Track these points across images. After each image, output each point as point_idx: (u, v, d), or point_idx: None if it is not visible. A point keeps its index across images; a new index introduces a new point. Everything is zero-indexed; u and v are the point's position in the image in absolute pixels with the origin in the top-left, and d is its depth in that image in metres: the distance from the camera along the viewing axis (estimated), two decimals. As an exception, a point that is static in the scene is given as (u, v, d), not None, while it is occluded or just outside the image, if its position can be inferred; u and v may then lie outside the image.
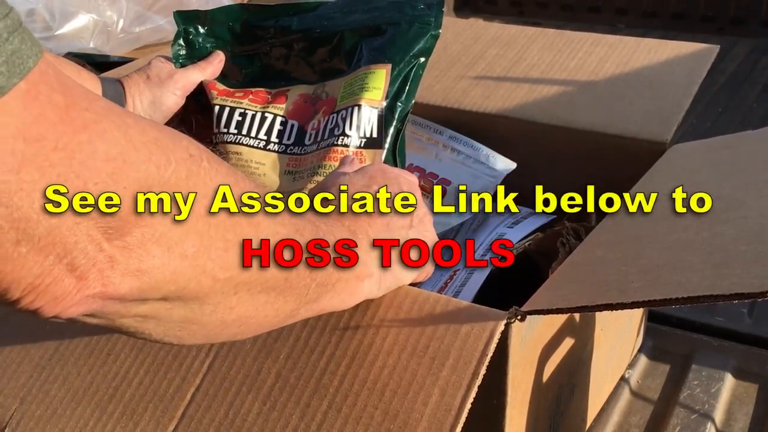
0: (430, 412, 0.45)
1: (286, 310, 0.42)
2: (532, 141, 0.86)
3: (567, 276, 0.53)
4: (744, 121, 1.51)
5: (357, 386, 0.48)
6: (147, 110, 0.74)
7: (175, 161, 0.32)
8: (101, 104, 0.30)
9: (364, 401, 0.47)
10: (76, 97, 0.29)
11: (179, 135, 0.34)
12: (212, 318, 0.37)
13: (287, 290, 0.41)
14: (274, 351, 0.51)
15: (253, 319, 0.40)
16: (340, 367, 0.49)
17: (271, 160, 0.73)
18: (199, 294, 0.35)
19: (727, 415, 0.80)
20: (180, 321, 0.37)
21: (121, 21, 1.35)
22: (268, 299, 0.40)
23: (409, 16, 0.75)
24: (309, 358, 0.50)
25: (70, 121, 0.28)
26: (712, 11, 2.07)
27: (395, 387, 0.47)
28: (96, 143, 0.29)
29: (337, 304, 0.47)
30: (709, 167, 0.66)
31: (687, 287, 0.43)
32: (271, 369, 0.51)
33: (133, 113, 0.32)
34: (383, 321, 0.50)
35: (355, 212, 0.50)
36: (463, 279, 0.75)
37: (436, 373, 0.47)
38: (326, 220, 0.47)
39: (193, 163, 0.33)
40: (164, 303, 0.35)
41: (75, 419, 0.53)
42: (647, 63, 0.90)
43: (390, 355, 0.48)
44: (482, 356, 0.46)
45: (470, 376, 0.46)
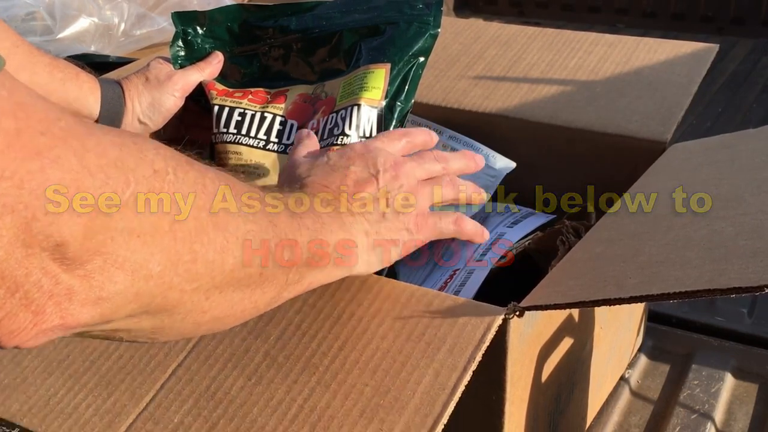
0: (423, 389, 0.45)
1: (266, 299, 0.41)
2: (532, 141, 0.86)
3: (566, 272, 0.53)
4: (744, 121, 1.51)
5: (348, 365, 0.47)
6: (146, 112, 0.74)
7: (136, 181, 0.31)
8: (62, 125, 0.29)
9: (354, 379, 0.46)
10: (33, 120, 0.28)
11: (145, 149, 0.32)
12: (184, 323, 0.37)
13: (264, 282, 0.40)
14: (264, 333, 0.51)
15: (229, 317, 0.39)
16: (332, 348, 0.48)
17: (271, 160, 0.73)
18: (166, 307, 0.34)
19: (727, 415, 0.80)
20: (150, 329, 0.36)
21: (122, 24, 1.35)
22: (243, 296, 0.39)
23: (407, 16, 0.75)
24: (300, 340, 0.49)
25: (20, 147, 0.27)
26: (712, 11, 2.07)
27: (388, 367, 0.46)
28: (48, 171, 0.27)
29: (323, 278, 0.46)
30: (709, 166, 0.66)
31: (685, 282, 0.43)
32: (260, 348, 0.50)
33: (99, 132, 0.31)
34: (379, 311, 0.50)
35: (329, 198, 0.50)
36: (463, 279, 0.75)
37: (431, 356, 0.46)
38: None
39: (156, 179, 0.32)
40: (131, 318, 0.34)
41: (45, 388, 0.52)
42: (647, 62, 0.90)
43: (384, 339, 0.48)
44: (480, 343, 0.46)
45: (466, 360, 0.45)
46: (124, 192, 0.30)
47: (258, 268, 0.39)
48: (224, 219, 0.36)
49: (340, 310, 0.50)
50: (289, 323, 0.51)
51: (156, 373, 0.51)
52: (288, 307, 0.51)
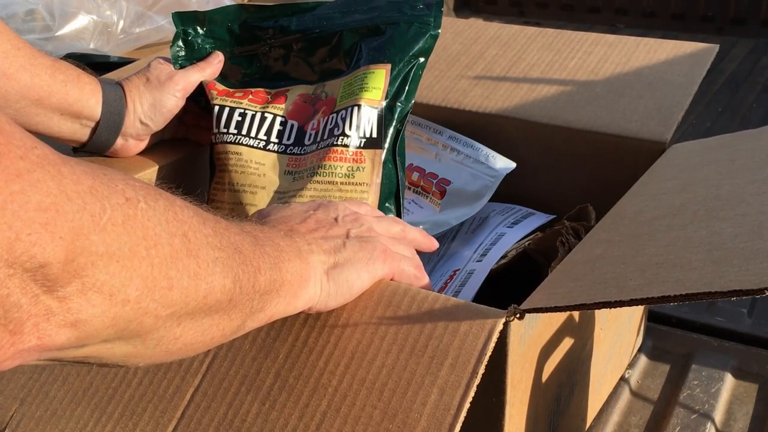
0: (429, 411, 0.45)
1: (233, 327, 0.42)
2: (532, 141, 0.86)
3: (566, 274, 0.53)
4: (744, 121, 1.51)
5: (356, 385, 0.48)
6: (148, 112, 0.74)
7: (111, 208, 0.32)
8: (38, 152, 0.29)
9: (363, 401, 0.47)
10: (12, 145, 0.28)
11: (114, 179, 0.33)
12: (156, 350, 0.37)
13: (232, 309, 0.41)
14: (273, 351, 0.51)
15: (199, 343, 0.40)
16: (339, 366, 0.49)
17: (271, 161, 0.73)
18: (140, 332, 0.35)
19: (727, 415, 0.80)
20: (122, 356, 0.36)
21: (121, 22, 1.35)
22: (212, 322, 0.40)
23: (408, 16, 0.75)
24: (308, 357, 0.50)
25: (2, 170, 0.27)
26: (711, 11, 2.07)
27: (394, 386, 0.47)
28: (29, 193, 0.28)
29: (283, 309, 0.47)
30: (709, 166, 0.66)
31: (685, 284, 0.43)
32: (270, 369, 0.51)
33: (72, 161, 0.31)
34: (382, 319, 0.50)
35: (295, 222, 0.52)
36: (463, 279, 0.75)
37: (435, 373, 0.47)
38: (264, 228, 0.48)
39: (130, 207, 0.33)
40: (104, 344, 0.34)
41: (75, 420, 0.53)
42: (647, 62, 0.90)
43: (389, 354, 0.48)
44: (481, 355, 0.46)
45: (469, 375, 0.46)
46: (101, 217, 0.31)
47: (227, 294, 0.39)
48: (195, 245, 0.37)
49: (344, 321, 0.51)
50: (296, 339, 0.51)
51: (175, 399, 0.52)
52: (293, 319, 0.52)
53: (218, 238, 0.40)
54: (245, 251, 0.42)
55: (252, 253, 0.43)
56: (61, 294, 0.30)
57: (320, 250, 0.50)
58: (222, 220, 0.42)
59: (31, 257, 0.28)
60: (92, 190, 0.31)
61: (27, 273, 0.28)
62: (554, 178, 0.87)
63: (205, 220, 0.40)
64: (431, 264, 0.82)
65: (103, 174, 0.33)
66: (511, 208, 0.85)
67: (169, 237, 0.35)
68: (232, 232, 0.42)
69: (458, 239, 0.83)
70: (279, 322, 0.52)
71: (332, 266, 0.50)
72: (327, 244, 0.51)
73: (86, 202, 0.31)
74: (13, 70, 0.64)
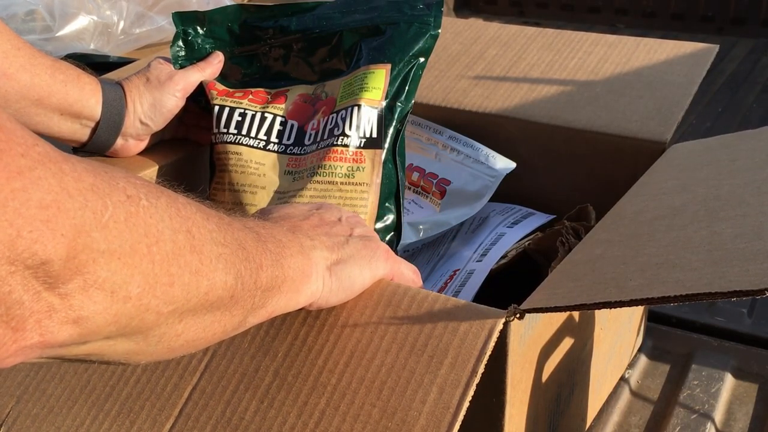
0: (428, 409, 0.45)
1: (234, 323, 0.42)
2: (532, 141, 0.86)
3: (566, 274, 0.53)
4: (744, 121, 1.51)
5: (355, 384, 0.48)
6: (148, 112, 0.74)
7: (113, 205, 0.32)
8: (40, 150, 0.29)
9: (362, 399, 0.47)
10: (13, 143, 0.28)
11: (116, 177, 0.33)
12: (158, 347, 0.37)
13: (233, 306, 0.41)
14: (272, 349, 0.51)
15: (200, 340, 0.40)
16: (339, 365, 0.49)
17: (271, 161, 0.73)
18: (142, 329, 0.35)
19: (727, 415, 0.80)
20: (124, 352, 0.36)
21: (121, 22, 1.35)
22: (214, 318, 0.40)
23: (408, 16, 0.75)
24: (307, 356, 0.50)
25: (3, 167, 0.27)
26: (711, 11, 2.07)
27: (393, 385, 0.47)
28: (30, 190, 0.28)
29: (285, 304, 0.47)
30: (709, 166, 0.66)
31: (685, 285, 0.43)
32: (269, 367, 0.50)
33: (73, 158, 0.31)
34: (382, 319, 0.50)
35: (298, 220, 0.52)
36: (463, 279, 0.75)
37: (434, 371, 0.46)
38: (267, 224, 0.48)
39: (131, 204, 0.33)
40: (107, 341, 0.34)
41: (71, 417, 0.53)
42: (647, 63, 0.90)
43: (388, 353, 0.48)
44: (481, 354, 0.46)
45: (469, 374, 0.46)
46: (103, 214, 0.31)
47: (228, 291, 0.39)
48: (198, 242, 0.37)
49: (344, 320, 0.51)
50: (295, 337, 0.51)
51: (173, 397, 0.52)
52: (293, 318, 0.52)
53: (222, 234, 0.39)
54: (248, 247, 0.42)
55: (255, 250, 0.43)
56: (63, 291, 0.30)
57: (323, 246, 0.50)
58: (225, 216, 0.42)
59: (32, 254, 0.28)
60: (94, 187, 0.31)
61: (29, 270, 0.29)
62: (554, 178, 0.87)
63: (209, 215, 0.40)
64: (431, 264, 0.82)
65: (104, 171, 0.33)
66: (511, 208, 0.85)
67: (172, 233, 0.35)
68: (235, 227, 0.42)
69: (458, 239, 0.83)
70: (278, 321, 0.52)
71: (335, 262, 0.50)
72: (330, 241, 0.51)
73: (88, 199, 0.31)
74: (13, 70, 0.64)
